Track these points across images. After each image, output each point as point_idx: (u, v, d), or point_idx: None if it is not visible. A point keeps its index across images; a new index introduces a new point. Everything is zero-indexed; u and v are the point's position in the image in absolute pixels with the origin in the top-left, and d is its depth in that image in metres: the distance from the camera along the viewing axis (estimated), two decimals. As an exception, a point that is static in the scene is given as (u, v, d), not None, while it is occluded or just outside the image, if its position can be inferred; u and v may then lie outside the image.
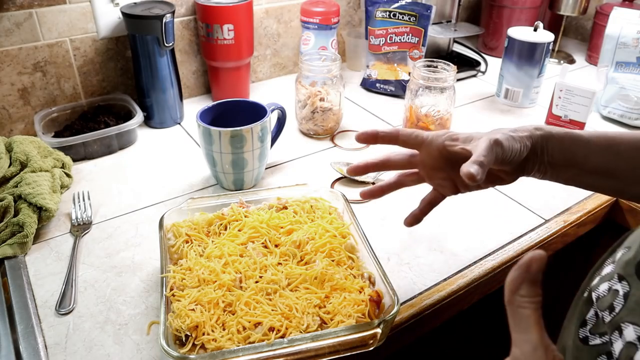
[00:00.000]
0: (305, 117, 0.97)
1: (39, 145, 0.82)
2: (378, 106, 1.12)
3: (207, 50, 1.03)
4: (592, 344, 0.38)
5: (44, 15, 0.90)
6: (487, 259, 0.70)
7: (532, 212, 0.78)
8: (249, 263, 0.59)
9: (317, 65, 0.94)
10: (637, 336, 0.34)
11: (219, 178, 0.81)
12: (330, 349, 0.52)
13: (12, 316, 0.59)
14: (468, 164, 0.46)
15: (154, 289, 0.63)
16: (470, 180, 0.45)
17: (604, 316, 0.37)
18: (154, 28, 0.91)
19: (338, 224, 0.65)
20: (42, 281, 0.64)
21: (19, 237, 0.67)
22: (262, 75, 1.23)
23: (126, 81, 1.04)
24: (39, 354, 0.54)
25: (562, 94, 1.01)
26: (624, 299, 0.36)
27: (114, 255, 0.69)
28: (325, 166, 0.89)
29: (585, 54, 1.41)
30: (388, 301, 0.55)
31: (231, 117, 0.81)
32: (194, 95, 1.14)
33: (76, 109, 0.98)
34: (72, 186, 0.83)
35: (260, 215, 0.65)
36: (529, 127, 0.53)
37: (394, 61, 1.15)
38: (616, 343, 0.35)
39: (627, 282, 0.36)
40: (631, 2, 1.32)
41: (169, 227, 0.64)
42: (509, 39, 1.09)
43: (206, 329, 0.51)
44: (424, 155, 0.57)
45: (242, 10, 0.99)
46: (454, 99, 0.93)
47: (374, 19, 1.13)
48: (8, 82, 0.91)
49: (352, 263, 0.60)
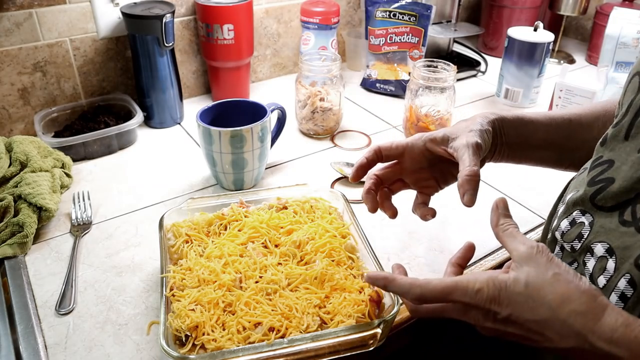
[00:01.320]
0: (305, 117, 0.97)
1: (39, 145, 0.82)
2: (378, 106, 1.12)
3: (207, 50, 1.03)
4: None
5: (44, 15, 0.90)
6: (487, 259, 0.70)
7: (532, 212, 0.78)
8: (249, 263, 0.59)
9: (317, 65, 0.94)
10: (605, 249, 0.46)
11: (219, 178, 0.81)
12: (330, 349, 0.52)
13: (12, 316, 0.59)
14: (461, 192, 0.52)
15: (154, 289, 0.63)
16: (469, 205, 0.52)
17: (573, 245, 0.49)
18: (154, 28, 0.91)
19: (338, 224, 0.65)
20: (42, 281, 0.64)
21: (19, 237, 0.67)
22: (262, 75, 1.23)
23: (126, 81, 1.04)
24: (39, 354, 0.54)
25: (562, 94, 1.01)
26: (590, 226, 0.48)
27: (114, 255, 0.69)
28: (325, 166, 0.89)
29: (585, 54, 1.41)
30: (388, 301, 0.55)
31: (231, 117, 0.81)
32: (194, 95, 1.14)
33: (76, 109, 0.98)
34: (72, 186, 0.83)
35: (260, 215, 0.65)
36: (487, 114, 0.59)
37: (394, 61, 1.15)
38: (589, 262, 0.47)
39: (590, 214, 0.48)
40: (631, 2, 1.32)
41: (169, 227, 0.64)
42: (509, 39, 1.09)
43: (206, 329, 0.51)
44: (407, 161, 0.60)
45: (242, 10, 0.99)
46: (454, 99, 0.93)
47: (374, 19, 1.13)
48: (8, 82, 0.91)
49: (352, 263, 0.60)
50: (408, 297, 0.46)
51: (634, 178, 0.45)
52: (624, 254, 0.45)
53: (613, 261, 0.45)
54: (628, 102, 0.49)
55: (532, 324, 0.42)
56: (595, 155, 0.51)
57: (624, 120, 0.48)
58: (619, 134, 0.49)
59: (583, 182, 0.51)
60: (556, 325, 0.41)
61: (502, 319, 0.43)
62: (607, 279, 0.45)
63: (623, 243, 0.45)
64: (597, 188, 0.48)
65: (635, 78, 0.49)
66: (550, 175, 0.72)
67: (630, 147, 0.47)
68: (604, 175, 0.48)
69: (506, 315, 0.42)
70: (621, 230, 0.45)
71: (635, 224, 0.45)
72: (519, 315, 0.42)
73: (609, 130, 0.50)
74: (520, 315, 0.42)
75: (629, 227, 0.45)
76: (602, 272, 0.46)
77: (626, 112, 0.49)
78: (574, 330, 0.40)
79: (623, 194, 0.46)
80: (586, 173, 0.52)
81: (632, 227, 0.45)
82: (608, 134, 0.50)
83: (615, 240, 0.46)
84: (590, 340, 0.40)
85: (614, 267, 0.45)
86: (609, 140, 0.50)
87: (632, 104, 0.48)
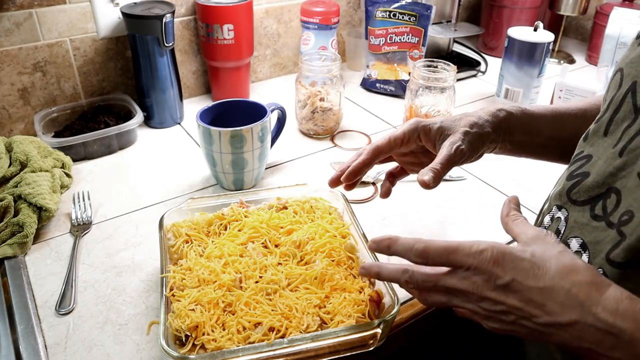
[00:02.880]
0: (305, 117, 0.97)
1: (39, 145, 0.82)
2: (378, 106, 1.12)
3: (207, 50, 1.03)
4: None
5: (44, 15, 0.90)
6: (487, 259, 0.69)
7: (532, 212, 0.78)
8: (249, 263, 0.59)
9: (317, 65, 0.94)
10: (579, 244, 0.46)
11: (219, 178, 0.81)
12: (330, 349, 0.52)
13: (12, 316, 0.59)
14: (425, 171, 0.53)
15: (154, 289, 0.63)
16: (424, 187, 0.53)
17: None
18: (154, 28, 0.91)
19: (338, 224, 0.65)
20: (42, 281, 0.64)
21: (19, 237, 0.67)
22: (262, 75, 1.23)
23: (126, 81, 1.04)
24: (39, 354, 0.54)
25: (562, 94, 1.01)
26: (565, 222, 0.49)
27: (114, 255, 0.69)
28: (325, 166, 0.89)
29: (585, 54, 1.41)
30: (388, 301, 0.55)
31: (231, 117, 0.81)
32: (194, 95, 1.14)
33: (76, 109, 0.98)
34: (72, 186, 0.83)
35: (260, 215, 0.65)
36: (495, 112, 0.60)
37: (394, 61, 1.15)
38: None
39: (565, 209, 0.49)
40: (631, 2, 1.32)
41: (169, 227, 0.64)
42: (509, 39, 1.09)
43: (206, 329, 0.51)
44: (402, 150, 0.62)
45: (242, 10, 0.99)
46: (454, 99, 0.93)
47: (374, 19, 1.13)
48: (8, 82, 0.91)
49: (352, 263, 0.60)
50: (412, 253, 0.45)
51: (606, 172, 0.46)
52: (596, 248, 0.45)
53: (586, 256, 0.45)
54: (610, 99, 0.49)
55: (534, 293, 0.40)
56: (577, 150, 0.52)
57: (605, 116, 0.49)
58: (599, 130, 0.49)
59: (563, 177, 0.52)
60: (560, 294, 0.40)
61: (503, 284, 0.41)
62: None
63: (595, 238, 0.45)
64: (574, 182, 0.49)
65: (617, 74, 0.49)
66: (548, 174, 0.72)
67: (608, 143, 0.47)
68: (581, 169, 0.49)
69: (508, 281, 0.41)
70: (593, 225, 0.46)
71: (605, 219, 0.45)
72: (522, 281, 0.40)
73: (592, 126, 0.51)
74: (523, 281, 0.40)
75: (599, 221, 0.45)
76: None
77: (607, 107, 0.49)
78: (578, 300, 0.39)
79: (595, 188, 0.46)
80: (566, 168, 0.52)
81: (603, 221, 0.45)
82: (590, 130, 0.51)
83: (588, 235, 0.46)
84: (595, 312, 0.38)
85: (587, 261, 0.45)
86: (590, 136, 0.50)
87: (612, 100, 0.48)
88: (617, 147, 0.46)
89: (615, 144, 0.46)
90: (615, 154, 0.46)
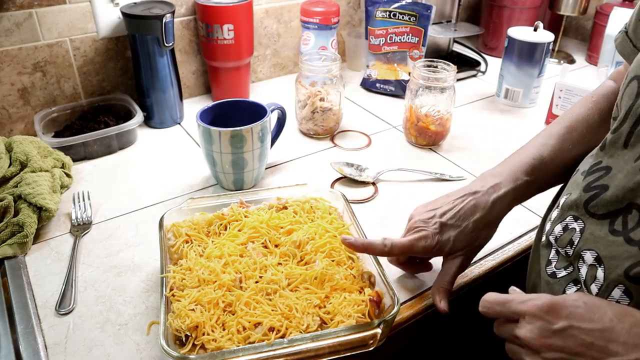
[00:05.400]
0: (305, 117, 0.97)
1: (39, 145, 0.82)
2: (378, 106, 1.12)
3: (207, 50, 1.03)
4: (559, 277, 0.51)
5: (44, 15, 0.90)
6: (487, 259, 0.70)
7: (532, 212, 0.78)
8: (249, 263, 0.59)
9: (317, 65, 0.94)
10: (594, 258, 0.46)
11: (219, 178, 0.81)
12: (330, 349, 0.52)
13: (12, 316, 0.59)
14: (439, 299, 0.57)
15: (154, 289, 0.63)
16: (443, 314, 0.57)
17: (567, 251, 0.50)
18: (154, 28, 0.91)
19: (338, 224, 0.65)
20: (42, 281, 0.64)
21: (19, 237, 0.67)
22: (262, 75, 1.23)
23: (126, 81, 1.04)
24: (39, 354, 0.54)
25: (562, 94, 1.01)
26: (580, 233, 0.48)
27: (114, 255, 0.69)
28: (325, 166, 0.89)
29: (585, 54, 1.41)
30: (388, 301, 0.55)
31: (231, 117, 0.81)
32: (194, 95, 1.14)
33: (76, 109, 0.98)
34: (72, 186, 0.83)
35: (260, 215, 0.65)
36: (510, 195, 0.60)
37: (394, 61, 1.15)
38: (582, 268, 0.48)
39: (581, 221, 0.49)
40: (631, 2, 1.32)
41: (169, 227, 0.64)
42: (509, 39, 1.09)
43: (206, 329, 0.51)
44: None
45: (242, 10, 0.99)
46: (454, 99, 0.93)
47: (374, 19, 1.13)
48: (8, 82, 0.91)
49: (352, 263, 0.60)
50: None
51: (626, 188, 0.45)
52: (611, 263, 0.45)
53: (602, 270, 0.45)
54: (626, 108, 0.48)
55: (595, 335, 0.40)
56: (595, 160, 0.51)
57: (623, 127, 0.48)
58: (618, 141, 0.48)
59: (578, 186, 0.51)
60: (622, 334, 0.39)
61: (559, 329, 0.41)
62: (598, 288, 0.46)
63: (610, 252, 0.45)
64: (592, 194, 0.48)
65: (634, 82, 0.48)
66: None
67: (629, 156, 0.46)
68: (599, 182, 0.48)
69: (565, 326, 0.41)
70: (609, 239, 0.45)
71: (624, 234, 0.44)
72: (580, 326, 0.40)
73: (608, 136, 0.50)
74: (582, 325, 0.40)
75: (617, 236, 0.45)
76: (593, 281, 0.46)
77: (624, 118, 0.48)
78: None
79: (615, 202, 0.46)
80: (581, 176, 0.51)
81: (621, 236, 0.45)
82: (607, 139, 0.50)
83: (603, 249, 0.46)
84: None
85: (603, 276, 0.45)
86: (608, 146, 0.49)
87: (631, 111, 0.47)
88: (638, 161, 0.45)
89: (637, 158, 0.45)
90: (636, 169, 0.45)
